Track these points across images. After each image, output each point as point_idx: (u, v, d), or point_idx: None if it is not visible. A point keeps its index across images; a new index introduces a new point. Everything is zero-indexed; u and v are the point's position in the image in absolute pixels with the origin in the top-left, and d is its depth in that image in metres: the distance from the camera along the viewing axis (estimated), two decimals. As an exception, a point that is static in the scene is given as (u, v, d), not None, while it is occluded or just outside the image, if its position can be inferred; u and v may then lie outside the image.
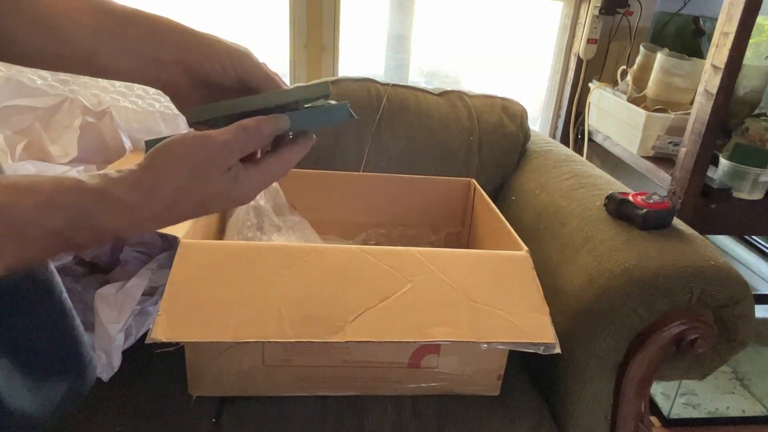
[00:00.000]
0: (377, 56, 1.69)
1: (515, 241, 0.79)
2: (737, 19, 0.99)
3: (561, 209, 0.92)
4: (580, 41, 1.59)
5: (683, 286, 0.70)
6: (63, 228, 0.36)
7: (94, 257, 0.93)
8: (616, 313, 0.72)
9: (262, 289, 0.65)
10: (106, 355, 0.69)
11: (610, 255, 0.76)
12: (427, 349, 0.72)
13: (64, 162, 0.94)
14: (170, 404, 0.71)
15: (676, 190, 1.16)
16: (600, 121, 1.55)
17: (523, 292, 0.70)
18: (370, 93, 1.15)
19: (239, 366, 0.70)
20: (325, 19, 1.50)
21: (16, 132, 0.93)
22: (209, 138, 0.41)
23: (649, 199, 0.80)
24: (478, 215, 1.03)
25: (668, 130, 1.28)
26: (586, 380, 0.74)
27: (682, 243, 0.77)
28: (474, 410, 0.74)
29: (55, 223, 0.36)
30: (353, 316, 0.64)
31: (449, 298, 0.68)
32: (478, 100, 1.22)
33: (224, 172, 0.42)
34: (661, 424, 1.42)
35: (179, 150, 0.41)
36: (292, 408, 0.72)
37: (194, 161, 0.41)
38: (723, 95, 1.05)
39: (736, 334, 0.73)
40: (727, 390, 1.54)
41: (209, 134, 0.42)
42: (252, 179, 0.44)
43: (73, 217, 0.37)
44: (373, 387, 0.74)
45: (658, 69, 1.34)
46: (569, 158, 1.10)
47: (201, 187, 0.41)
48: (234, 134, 0.42)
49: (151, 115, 0.98)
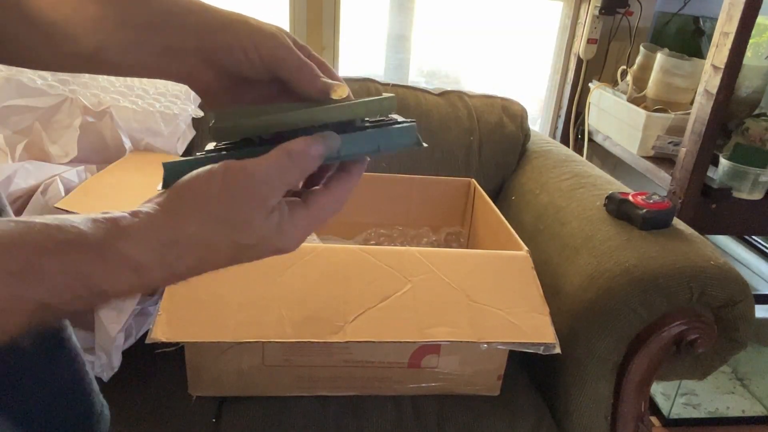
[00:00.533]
0: (377, 56, 1.69)
1: (515, 241, 0.79)
2: (737, 19, 0.99)
3: (561, 209, 0.92)
4: (580, 41, 1.59)
5: (683, 286, 0.70)
6: (49, 299, 0.29)
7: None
8: (616, 313, 0.72)
9: (262, 289, 0.65)
10: (106, 355, 0.69)
11: (610, 255, 0.76)
12: (427, 349, 0.72)
13: (64, 162, 0.94)
14: (170, 404, 0.71)
15: (676, 190, 1.16)
16: (600, 121, 1.55)
17: (523, 292, 0.70)
18: (370, 93, 1.15)
19: (239, 366, 0.70)
20: (325, 20, 1.50)
21: (16, 132, 0.93)
22: (245, 172, 0.32)
23: (649, 199, 0.80)
24: (478, 215, 1.03)
25: (668, 130, 1.28)
26: (586, 380, 0.74)
27: (682, 243, 0.77)
28: (474, 410, 0.74)
29: (37, 293, 0.28)
30: (353, 316, 0.64)
31: (449, 298, 0.68)
32: (478, 100, 1.22)
33: (265, 216, 0.33)
34: (661, 424, 1.42)
35: (207, 190, 0.32)
36: (292, 408, 0.72)
37: (226, 205, 0.32)
38: (723, 95, 1.05)
39: (736, 334, 0.73)
40: (727, 390, 1.54)
41: (244, 165, 0.32)
42: (298, 224, 0.35)
43: (61, 285, 0.29)
44: (373, 387, 0.74)
45: (658, 69, 1.34)
46: (569, 158, 1.10)
47: (235, 238, 0.33)
48: (277, 163, 0.33)
49: (151, 115, 0.98)
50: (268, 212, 0.33)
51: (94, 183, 0.88)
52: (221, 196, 0.32)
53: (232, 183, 0.32)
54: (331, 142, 0.36)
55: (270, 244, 0.34)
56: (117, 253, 0.30)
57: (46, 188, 0.85)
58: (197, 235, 0.32)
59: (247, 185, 0.32)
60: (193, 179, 0.33)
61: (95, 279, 0.30)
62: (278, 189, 0.33)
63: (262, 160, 0.33)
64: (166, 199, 0.32)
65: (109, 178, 0.90)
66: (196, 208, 0.32)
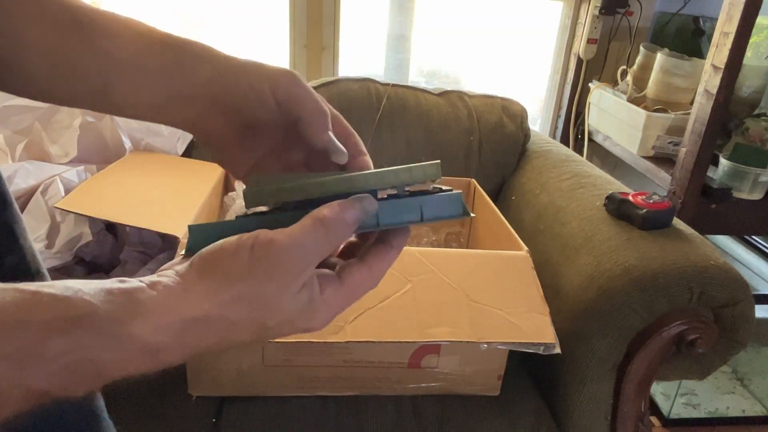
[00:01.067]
0: (377, 56, 1.69)
1: (515, 241, 0.79)
2: (737, 19, 0.99)
3: (561, 209, 0.92)
4: (580, 41, 1.59)
5: (683, 286, 0.70)
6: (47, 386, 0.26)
7: (94, 257, 0.93)
8: (616, 313, 0.72)
9: (262, 289, 0.65)
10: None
11: (610, 255, 0.76)
12: (427, 349, 0.72)
13: (64, 162, 0.94)
14: (170, 404, 0.71)
15: (676, 190, 1.16)
16: (600, 121, 1.55)
17: (523, 292, 0.70)
18: (370, 93, 1.15)
19: (239, 366, 0.70)
20: (325, 19, 1.50)
21: (16, 132, 0.93)
22: (275, 246, 0.30)
23: (649, 199, 0.80)
24: (478, 215, 1.03)
25: (668, 130, 1.28)
26: (586, 380, 0.74)
27: (682, 243, 0.77)
28: (474, 410, 0.74)
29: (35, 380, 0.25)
30: (353, 316, 0.64)
31: (449, 298, 0.68)
32: (478, 100, 1.22)
33: (295, 294, 0.30)
34: (661, 424, 1.42)
35: (233, 265, 0.29)
36: (292, 408, 0.72)
37: (254, 283, 0.29)
38: (723, 95, 1.05)
39: (736, 334, 0.73)
40: (727, 390, 1.54)
41: (274, 238, 0.30)
42: (330, 302, 0.32)
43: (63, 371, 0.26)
44: (373, 387, 0.74)
45: (658, 69, 1.34)
46: (569, 158, 1.10)
47: (261, 318, 0.30)
48: (309, 234, 0.30)
49: (151, 115, 0.98)
50: (298, 289, 0.30)
51: (94, 183, 0.88)
52: (248, 274, 0.29)
53: (261, 258, 0.29)
54: (367, 206, 0.33)
55: (297, 324, 0.32)
56: (131, 336, 0.27)
57: (46, 188, 0.85)
58: (220, 315, 0.29)
59: (277, 261, 0.29)
60: (219, 251, 0.30)
61: (104, 364, 0.27)
62: (310, 263, 0.31)
63: (292, 231, 0.30)
64: (189, 271, 0.30)
65: (109, 178, 0.90)
66: (221, 285, 0.29)
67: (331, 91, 1.13)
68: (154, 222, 0.77)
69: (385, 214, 0.34)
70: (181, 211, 0.80)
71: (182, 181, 0.90)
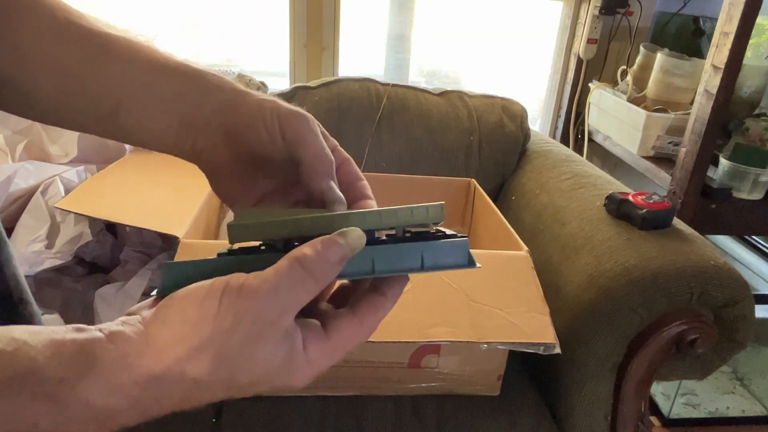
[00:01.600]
0: (377, 56, 1.69)
1: (515, 241, 0.79)
2: (737, 19, 0.99)
3: (561, 209, 0.92)
4: (580, 41, 1.59)
5: (683, 286, 0.70)
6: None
7: (94, 257, 0.93)
8: (616, 313, 0.72)
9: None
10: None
11: (610, 255, 0.76)
12: (427, 349, 0.72)
13: (64, 162, 0.94)
14: (170, 404, 0.71)
15: (676, 190, 1.16)
16: (600, 121, 1.55)
17: (523, 292, 0.70)
18: (370, 93, 1.15)
19: (239, 366, 0.70)
20: (325, 19, 1.50)
21: (16, 132, 0.93)
22: (247, 291, 0.26)
23: (649, 199, 0.80)
24: (478, 215, 1.03)
25: (668, 130, 1.28)
26: (586, 380, 0.74)
27: (682, 243, 0.77)
28: (474, 410, 0.74)
29: None
30: (353, 316, 0.64)
31: (449, 298, 0.68)
32: (478, 100, 1.22)
33: (271, 346, 0.27)
34: (661, 424, 1.42)
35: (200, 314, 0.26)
36: (292, 408, 0.72)
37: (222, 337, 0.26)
38: (723, 95, 1.05)
39: (736, 334, 0.73)
40: (727, 390, 1.54)
41: (246, 283, 0.27)
42: (312, 358, 0.28)
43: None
44: (373, 387, 0.74)
45: (658, 69, 1.34)
46: (569, 158, 1.10)
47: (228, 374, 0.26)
48: (284, 277, 0.27)
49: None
50: (275, 341, 0.27)
51: (94, 183, 0.88)
52: (213, 323, 0.26)
53: (228, 306, 0.26)
54: (353, 242, 0.29)
55: (274, 382, 0.28)
56: (78, 400, 0.24)
57: (46, 188, 0.85)
58: (179, 371, 0.25)
59: (245, 309, 0.26)
60: (188, 295, 0.27)
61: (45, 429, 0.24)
62: (286, 310, 0.27)
63: (266, 274, 0.27)
64: (155, 319, 0.27)
65: (109, 178, 0.90)
66: (182, 337, 0.26)
67: (331, 91, 1.13)
68: (154, 222, 0.77)
69: (381, 260, 0.30)
70: (181, 211, 0.80)
71: (182, 181, 0.90)
